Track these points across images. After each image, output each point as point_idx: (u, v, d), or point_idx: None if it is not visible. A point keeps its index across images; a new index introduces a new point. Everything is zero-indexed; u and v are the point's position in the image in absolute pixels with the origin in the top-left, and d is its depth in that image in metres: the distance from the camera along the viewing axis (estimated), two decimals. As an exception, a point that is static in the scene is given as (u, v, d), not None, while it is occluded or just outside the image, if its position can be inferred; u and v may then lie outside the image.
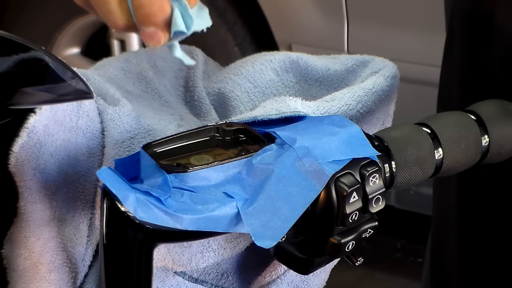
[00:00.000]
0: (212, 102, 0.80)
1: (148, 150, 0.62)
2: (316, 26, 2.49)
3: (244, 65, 0.81)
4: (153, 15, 0.60)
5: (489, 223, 0.97)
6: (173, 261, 0.69)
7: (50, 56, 0.59)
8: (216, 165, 0.61)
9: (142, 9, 0.60)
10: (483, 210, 0.97)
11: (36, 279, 0.68)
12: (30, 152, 0.66)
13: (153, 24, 0.60)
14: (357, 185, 0.62)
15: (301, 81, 0.82)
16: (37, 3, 2.79)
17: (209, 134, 0.65)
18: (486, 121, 0.71)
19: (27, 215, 0.67)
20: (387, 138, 0.67)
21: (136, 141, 0.70)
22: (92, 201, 0.69)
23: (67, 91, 0.62)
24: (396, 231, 2.86)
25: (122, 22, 0.61)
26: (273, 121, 0.67)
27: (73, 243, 0.69)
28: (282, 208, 0.60)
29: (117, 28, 0.62)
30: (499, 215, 0.96)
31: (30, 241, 0.67)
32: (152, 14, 0.60)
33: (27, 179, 0.66)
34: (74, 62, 2.65)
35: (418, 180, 0.68)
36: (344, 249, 0.64)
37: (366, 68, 0.80)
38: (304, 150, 0.62)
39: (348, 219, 0.62)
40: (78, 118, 0.68)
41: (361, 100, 0.74)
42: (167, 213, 0.58)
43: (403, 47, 2.36)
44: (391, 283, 2.66)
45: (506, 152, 0.73)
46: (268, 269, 0.75)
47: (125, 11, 0.61)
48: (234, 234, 0.70)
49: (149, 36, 0.61)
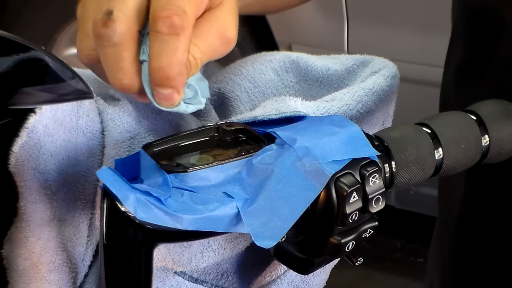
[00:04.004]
0: (212, 102, 0.80)
1: (148, 150, 0.62)
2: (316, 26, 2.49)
3: (244, 65, 0.81)
4: (172, 78, 0.59)
5: (491, 224, 0.97)
6: (173, 261, 0.69)
7: (50, 56, 0.59)
8: (216, 165, 0.61)
9: (161, 72, 0.59)
10: (486, 212, 0.97)
11: (36, 279, 0.68)
12: (30, 152, 0.66)
13: (170, 87, 0.60)
14: (357, 185, 0.62)
15: (301, 81, 0.82)
16: (37, 3, 2.80)
17: (209, 134, 0.65)
18: (486, 121, 0.72)
19: (27, 215, 0.67)
20: (387, 138, 0.67)
21: (136, 141, 0.70)
22: (92, 201, 0.69)
23: (67, 91, 0.62)
24: (396, 231, 2.86)
25: (130, 82, 0.60)
26: (273, 121, 0.67)
27: (73, 243, 0.69)
28: (282, 208, 0.60)
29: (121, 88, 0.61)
30: (500, 216, 0.96)
31: (30, 241, 0.67)
32: (171, 78, 0.59)
33: (27, 179, 0.66)
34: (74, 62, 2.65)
35: (418, 180, 0.68)
36: (344, 249, 0.64)
37: (366, 68, 0.80)
38: (304, 150, 0.62)
39: (348, 219, 0.62)
40: (78, 118, 0.68)
41: (361, 100, 0.74)
42: (167, 213, 0.58)
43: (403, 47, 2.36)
44: (391, 283, 2.66)
45: (506, 152, 0.73)
46: (268, 269, 0.75)
47: (136, 71, 0.60)
48: (234, 234, 0.70)
49: (163, 97, 0.60)
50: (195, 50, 0.61)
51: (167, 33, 0.58)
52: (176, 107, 0.62)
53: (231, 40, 0.63)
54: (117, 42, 0.59)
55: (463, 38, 0.96)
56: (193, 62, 0.61)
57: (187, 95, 0.63)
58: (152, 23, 0.59)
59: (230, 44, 0.63)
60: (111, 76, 0.61)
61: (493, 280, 0.98)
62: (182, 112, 0.64)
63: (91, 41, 0.61)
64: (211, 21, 0.62)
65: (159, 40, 0.59)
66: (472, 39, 0.95)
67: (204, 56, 0.62)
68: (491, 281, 0.99)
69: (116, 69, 0.60)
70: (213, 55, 0.63)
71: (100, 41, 0.59)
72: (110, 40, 0.59)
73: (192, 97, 0.64)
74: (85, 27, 0.62)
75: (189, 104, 0.64)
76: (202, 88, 0.65)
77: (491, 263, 0.98)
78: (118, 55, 0.60)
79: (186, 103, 0.64)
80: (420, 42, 2.35)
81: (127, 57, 0.60)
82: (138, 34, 0.61)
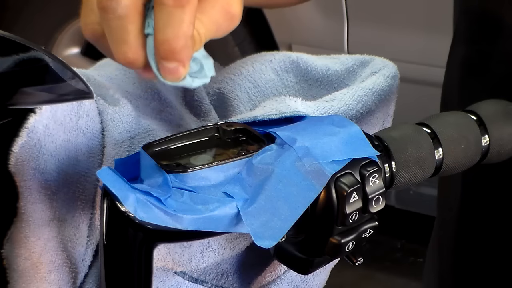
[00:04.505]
0: (212, 102, 0.80)
1: (148, 150, 0.62)
2: (316, 26, 2.49)
3: (244, 65, 0.81)
4: (178, 51, 0.58)
5: (489, 224, 0.97)
6: (173, 261, 0.69)
7: (50, 56, 0.59)
8: (216, 165, 0.61)
9: (166, 44, 0.58)
10: (484, 211, 0.97)
11: (36, 279, 0.68)
12: (30, 152, 0.66)
13: (176, 60, 0.59)
14: (357, 185, 0.62)
15: (301, 81, 0.82)
16: (37, 3, 2.80)
17: (209, 134, 0.65)
18: (486, 121, 0.71)
19: (27, 215, 0.67)
20: (387, 138, 0.67)
21: (136, 141, 0.70)
22: (92, 201, 0.69)
23: (67, 91, 0.62)
24: (396, 231, 2.86)
25: (135, 56, 0.60)
26: (273, 121, 0.67)
27: (73, 243, 0.69)
28: (282, 208, 0.60)
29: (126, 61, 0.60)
30: (499, 216, 0.96)
31: (30, 241, 0.67)
32: (177, 51, 0.58)
33: (27, 179, 0.66)
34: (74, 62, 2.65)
35: (418, 180, 0.68)
36: (344, 249, 0.64)
37: (366, 68, 0.80)
38: (304, 150, 0.62)
39: (348, 219, 0.62)
40: (78, 118, 0.68)
41: (361, 100, 0.74)
42: (167, 213, 0.58)
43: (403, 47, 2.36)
44: (391, 283, 2.66)
45: (506, 152, 0.73)
46: (268, 269, 0.75)
47: (140, 44, 0.59)
48: (234, 234, 0.70)
49: (169, 71, 0.59)
50: (199, 25, 0.60)
51: (172, 5, 0.58)
52: (182, 81, 0.61)
53: (236, 16, 0.62)
54: (121, 15, 0.59)
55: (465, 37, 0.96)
56: (197, 37, 0.61)
57: (193, 69, 0.62)
58: None
59: (235, 21, 0.63)
60: (115, 50, 0.60)
61: (492, 280, 0.98)
62: (188, 87, 0.62)
63: (95, 16, 0.61)
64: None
65: (164, 12, 0.58)
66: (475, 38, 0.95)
67: (208, 32, 0.61)
68: (490, 281, 0.99)
69: (120, 42, 0.59)
70: (217, 31, 0.62)
71: (105, 14, 0.59)
72: (114, 13, 0.59)
73: (198, 71, 0.62)
74: (90, 1, 0.61)
75: (195, 78, 0.63)
76: (208, 65, 0.64)
77: (489, 263, 0.98)
78: (123, 27, 0.59)
79: (192, 77, 0.63)
80: (420, 42, 2.35)
81: (132, 30, 0.59)
82: (143, 7, 0.60)
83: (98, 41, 0.62)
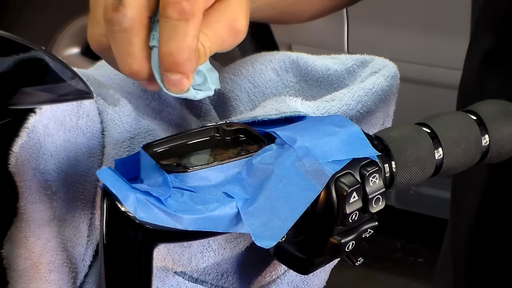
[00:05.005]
0: (212, 102, 0.80)
1: (148, 150, 0.62)
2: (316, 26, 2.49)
3: (244, 65, 0.81)
4: (181, 64, 0.59)
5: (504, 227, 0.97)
6: (173, 261, 0.69)
7: (50, 56, 0.59)
8: (216, 165, 0.61)
9: (170, 57, 0.59)
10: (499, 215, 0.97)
11: (36, 279, 0.68)
12: (30, 152, 0.66)
13: (180, 73, 0.60)
14: (357, 185, 0.62)
15: (301, 81, 0.82)
16: (37, 2, 2.80)
17: (209, 134, 0.65)
18: (486, 121, 0.72)
19: (27, 215, 0.67)
20: (387, 138, 0.67)
21: (136, 141, 0.70)
22: (92, 201, 0.69)
23: (67, 91, 0.62)
24: (396, 231, 2.86)
25: (139, 68, 0.60)
26: (273, 121, 0.67)
27: (73, 243, 0.69)
28: (282, 208, 0.60)
29: (130, 73, 0.61)
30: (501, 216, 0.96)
31: (30, 241, 0.67)
32: (181, 63, 0.59)
33: (27, 179, 0.66)
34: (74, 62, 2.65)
35: (418, 180, 0.68)
36: (344, 249, 0.64)
37: (366, 68, 0.80)
38: (304, 150, 0.62)
39: (348, 219, 0.62)
40: (78, 118, 0.68)
41: (361, 100, 0.74)
42: (167, 213, 0.58)
43: (403, 47, 2.36)
44: (391, 283, 2.66)
45: (506, 152, 0.73)
46: (268, 269, 0.75)
47: (146, 57, 0.60)
48: (234, 234, 0.70)
49: (172, 83, 0.60)
50: (204, 38, 0.61)
51: (177, 18, 0.58)
52: (185, 93, 0.62)
53: (241, 31, 0.63)
54: (127, 27, 0.59)
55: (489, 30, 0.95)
56: (202, 50, 0.61)
57: (196, 81, 0.63)
58: (162, 8, 0.59)
59: (240, 36, 0.63)
60: (120, 62, 0.61)
61: (506, 282, 0.98)
62: (191, 99, 0.63)
63: (101, 28, 0.61)
64: (221, 12, 0.62)
65: (169, 25, 0.59)
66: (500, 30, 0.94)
67: (213, 45, 0.62)
68: (504, 283, 0.98)
69: (125, 55, 0.60)
70: (221, 45, 0.63)
71: (111, 26, 0.60)
72: (120, 25, 0.59)
73: (202, 83, 0.63)
74: (96, 13, 0.62)
75: (199, 90, 0.63)
76: (212, 78, 0.64)
77: (504, 266, 0.98)
78: (128, 40, 0.60)
79: (196, 89, 0.63)
80: (420, 42, 2.35)
81: (137, 42, 0.60)
82: (148, 20, 0.61)
83: (104, 52, 0.63)
